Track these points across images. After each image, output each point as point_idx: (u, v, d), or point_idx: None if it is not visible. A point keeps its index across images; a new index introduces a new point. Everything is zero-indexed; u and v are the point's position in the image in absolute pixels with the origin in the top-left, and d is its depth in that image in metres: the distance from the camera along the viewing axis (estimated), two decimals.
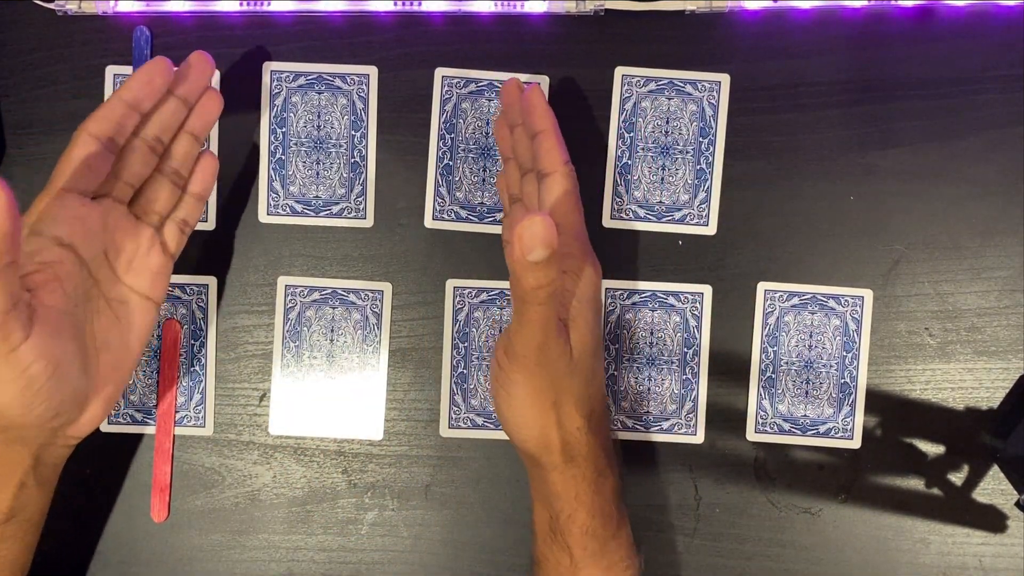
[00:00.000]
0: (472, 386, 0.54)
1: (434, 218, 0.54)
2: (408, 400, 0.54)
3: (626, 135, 0.54)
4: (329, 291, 0.54)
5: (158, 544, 0.54)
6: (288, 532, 0.54)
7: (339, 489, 0.54)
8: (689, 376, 0.54)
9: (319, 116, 0.54)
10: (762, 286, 0.54)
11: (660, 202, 0.54)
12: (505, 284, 0.54)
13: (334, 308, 0.54)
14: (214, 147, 0.54)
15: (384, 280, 0.54)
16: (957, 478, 0.54)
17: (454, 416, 0.54)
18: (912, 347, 0.54)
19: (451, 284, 0.54)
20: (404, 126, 0.54)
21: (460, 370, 0.54)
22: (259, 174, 0.54)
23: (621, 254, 0.54)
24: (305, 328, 0.54)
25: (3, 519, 0.44)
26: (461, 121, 0.54)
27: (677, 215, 0.54)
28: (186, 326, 0.54)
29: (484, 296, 0.54)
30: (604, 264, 0.54)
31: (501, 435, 0.54)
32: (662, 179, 0.54)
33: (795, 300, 0.54)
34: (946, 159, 0.54)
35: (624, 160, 0.54)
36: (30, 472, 0.44)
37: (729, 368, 0.54)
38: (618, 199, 0.54)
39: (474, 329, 0.54)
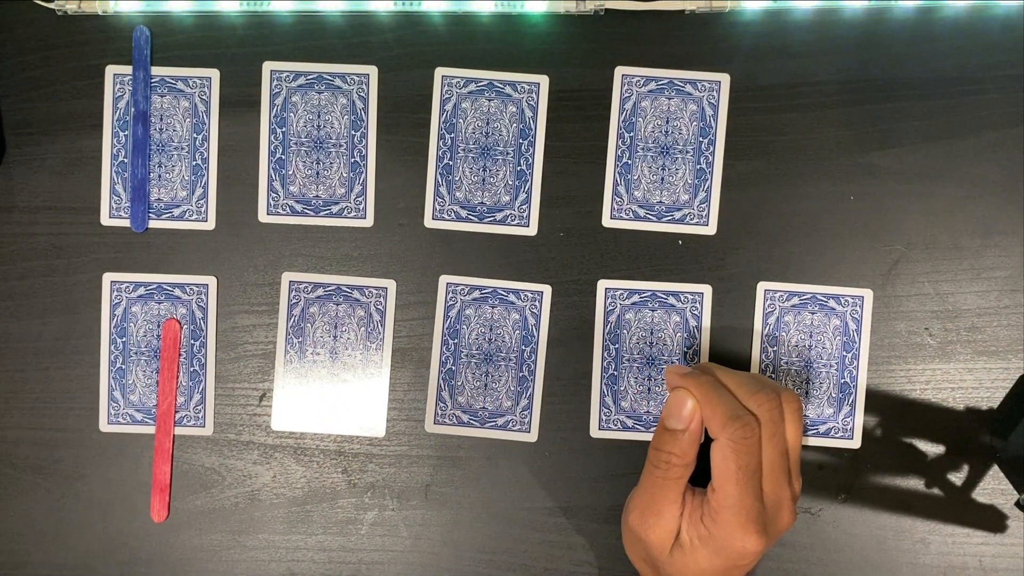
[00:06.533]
0: (460, 383, 0.54)
1: (434, 218, 0.54)
2: (408, 400, 0.54)
3: (626, 135, 0.54)
4: (333, 287, 0.54)
5: (158, 544, 0.54)
6: (288, 532, 0.54)
7: (339, 489, 0.54)
8: None
9: (319, 116, 0.54)
10: (762, 286, 0.54)
11: (660, 202, 0.54)
12: (498, 282, 0.54)
13: (338, 305, 0.54)
14: (214, 147, 0.54)
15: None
16: (957, 478, 0.54)
17: (440, 412, 0.54)
18: (912, 347, 0.54)
19: (444, 280, 0.54)
20: (404, 126, 0.54)
21: (448, 366, 0.54)
22: (259, 174, 0.54)
23: (621, 254, 0.54)
24: (308, 324, 0.54)
25: None
26: (461, 121, 0.54)
27: (677, 215, 0.54)
28: (186, 326, 0.54)
29: (476, 294, 0.54)
30: (604, 264, 0.54)
31: (498, 434, 0.54)
32: (662, 179, 0.54)
33: (795, 300, 0.54)
34: (946, 159, 0.54)
35: (624, 160, 0.54)
36: None
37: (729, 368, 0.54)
38: (618, 199, 0.54)
39: (464, 327, 0.54)
